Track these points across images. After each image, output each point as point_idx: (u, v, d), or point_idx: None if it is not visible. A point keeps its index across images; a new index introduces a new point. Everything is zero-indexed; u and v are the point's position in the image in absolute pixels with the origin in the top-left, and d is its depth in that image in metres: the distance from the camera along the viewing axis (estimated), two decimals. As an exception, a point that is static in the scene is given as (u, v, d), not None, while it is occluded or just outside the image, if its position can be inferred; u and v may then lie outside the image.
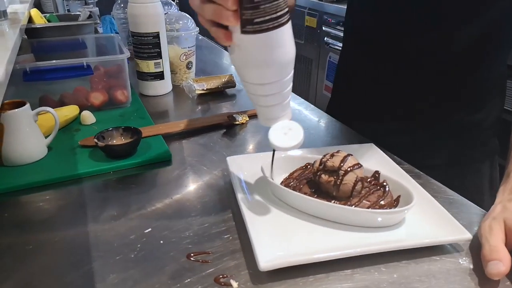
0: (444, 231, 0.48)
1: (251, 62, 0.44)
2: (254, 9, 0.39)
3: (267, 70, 0.44)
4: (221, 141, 0.76)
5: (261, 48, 0.43)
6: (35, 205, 0.58)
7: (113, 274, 0.45)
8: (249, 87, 0.47)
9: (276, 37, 0.42)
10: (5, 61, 0.56)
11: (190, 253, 0.48)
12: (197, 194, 0.60)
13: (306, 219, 0.52)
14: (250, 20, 0.39)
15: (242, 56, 0.44)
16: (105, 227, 0.52)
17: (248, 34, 0.41)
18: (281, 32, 0.42)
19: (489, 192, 0.76)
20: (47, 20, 1.18)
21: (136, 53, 0.93)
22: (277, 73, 0.45)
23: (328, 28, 2.37)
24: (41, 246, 0.49)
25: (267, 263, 0.43)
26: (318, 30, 2.48)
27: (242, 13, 0.39)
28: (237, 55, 0.45)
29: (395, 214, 0.50)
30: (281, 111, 0.49)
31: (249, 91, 0.48)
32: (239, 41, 0.42)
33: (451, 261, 0.46)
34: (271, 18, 0.40)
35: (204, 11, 0.42)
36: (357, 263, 0.46)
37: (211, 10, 0.41)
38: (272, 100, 0.48)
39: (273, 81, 0.45)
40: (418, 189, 0.55)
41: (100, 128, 0.73)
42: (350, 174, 0.51)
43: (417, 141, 0.77)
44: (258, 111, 0.51)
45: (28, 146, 0.65)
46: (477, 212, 0.55)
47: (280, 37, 0.42)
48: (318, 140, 0.78)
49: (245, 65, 0.45)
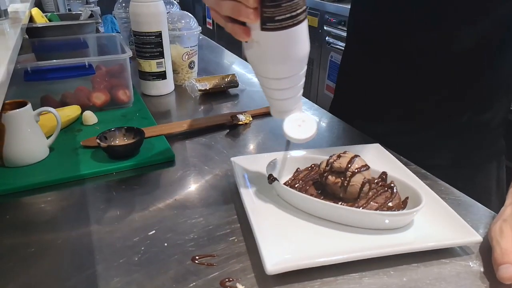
0: (454, 233, 0.47)
1: (269, 58, 0.45)
2: (276, 7, 0.40)
3: (284, 65, 0.45)
4: (224, 141, 0.76)
5: (279, 45, 0.43)
6: (37, 206, 0.57)
7: (116, 277, 0.44)
8: (264, 81, 0.48)
9: (294, 34, 0.43)
10: (6, 61, 0.55)
11: (195, 256, 0.47)
12: (201, 195, 0.59)
13: (313, 221, 0.51)
14: (271, 18, 0.40)
15: (259, 52, 0.45)
16: (108, 229, 0.52)
17: (268, 31, 0.41)
18: (299, 29, 0.43)
19: (496, 193, 0.76)
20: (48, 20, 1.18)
21: (138, 52, 0.93)
22: (293, 68, 0.46)
23: (330, 28, 2.36)
24: (44, 248, 0.48)
25: (274, 266, 0.42)
26: (320, 29, 2.47)
27: (263, 10, 0.40)
28: (255, 51, 0.45)
29: (404, 216, 0.49)
30: (293, 104, 0.51)
31: (263, 85, 0.49)
32: (257, 37, 0.43)
33: (461, 264, 0.46)
34: (291, 16, 0.41)
35: (221, 7, 0.42)
36: (365, 266, 0.45)
37: (230, 6, 0.41)
38: (286, 93, 0.49)
39: (288, 76, 0.47)
40: (426, 190, 0.54)
41: (102, 129, 0.72)
42: (358, 175, 0.50)
43: (421, 141, 0.76)
44: (271, 104, 0.53)
45: (29, 147, 0.64)
46: (486, 214, 0.54)
47: (298, 34, 0.43)
48: (322, 140, 0.77)
49: (262, 60, 0.46)
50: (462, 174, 0.70)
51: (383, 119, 0.80)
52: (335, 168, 0.52)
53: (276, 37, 0.42)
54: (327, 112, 0.90)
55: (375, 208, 0.50)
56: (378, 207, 0.50)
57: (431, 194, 0.54)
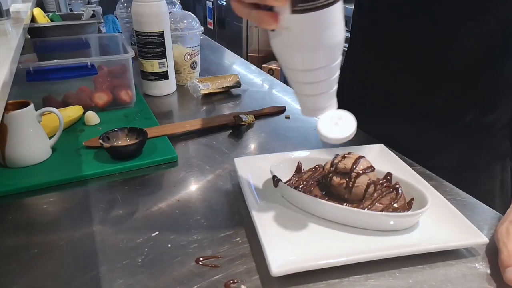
0: (460, 234, 0.47)
1: (300, 45, 0.40)
2: None
3: (317, 53, 0.40)
4: (227, 142, 0.75)
5: (312, 29, 0.38)
6: (40, 207, 0.57)
7: (120, 279, 0.43)
8: (294, 74, 0.43)
9: (329, 15, 0.38)
10: (9, 61, 0.55)
11: (199, 258, 0.47)
12: (204, 196, 0.59)
13: (317, 222, 0.50)
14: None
15: (289, 39, 0.40)
16: (111, 230, 0.51)
17: (299, 14, 0.37)
18: (334, 9, 0.38)
19: (500, 195, 0.75)
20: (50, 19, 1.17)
21: (140, 52, 0.92)
22: (327, 57, 0.41)
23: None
24: (47, 250, 0.48)
25: (279, 268, 0.42)
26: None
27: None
28: (283, 39, 0.40)
29: (410, 217, 0.49)
30: (327, 100, 0.45)
31: (293, 79, 0.44)
32: (287, 22, 0.38)
33: (467, 266, 0.45)
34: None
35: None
36: (370, 268, 0.44)
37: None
38: (319, 88, 0.44)
39: (321, 66, 0.41)
40: (431, 191, 0.54)
41: (104, 129, 0.71)
42: (363, 176, 0.50)
43: (424, 143, 0.76)
44: (301, 101, 0.47)
45: (32, 147, 0.64)
46: (491, 215, 0.54)
47: (333, 15, 0.38)
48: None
49: (293, 49, 0.41)
50: (466, 176, 0.70)
51: (386, 120, 0.79)
52: (340, 169, 0.51)
53: (309, 20, 0.37)
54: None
55: (380, 210, 0.49)
56: (383, 208, 0.50)
57: (437, 195, 0.53)
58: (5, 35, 0.76)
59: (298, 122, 0.84)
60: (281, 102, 0.95)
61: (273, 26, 0.39)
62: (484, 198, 0.58)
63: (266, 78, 1.14)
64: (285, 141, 0.76)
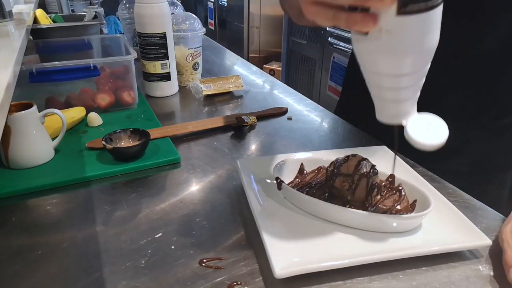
0: (463, 237, 0.47)
1: (401, 49, 0.37)
2: None
3: (417, 58, 0.38)
4: (230, 143, 0.75)
5: (418, 32, 0.36)
6: (43, 208, 0.57)
7: (124, 281, 0.44)
8: (381, 79, 0.40)
9: (435, 17, 0.36)
10: (13, 62, 0.55)
11: (202, 259, 0.47)
12: (207, 198, 0.59)
13: (320, 224, 0.50)
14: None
15: (388, 43, 0.36)
16: (114, 231, 0.51)
17: (407, 16, 0.34)
18: (439, 11, 0.35)
19: (508, 201, 0.74)
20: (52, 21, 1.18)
21: (143, 54, 0.92)
22: (424, 60, 0.39)
23: (332, 28, 2.35)
24: (50, 251, 0.48)
25: (282, 270, 0.42)
26: (322, 30, 2.47)
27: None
28: (380, 43, 0.37)
29: (413, 219, 0.49)
30: (412, 105, 0.43)
31: (378, 83, 0.41)
32: (389, 25, 0.35)
33: (470, 268, 0.45)
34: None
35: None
36: (374, 270, 0.44)
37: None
38: (407, 93, 0.41)
39: (416, 70, 0.39)
40: (435, 193, 0.54)
41: (107, 130, 0.72)
42: (366, 178, 0.50)
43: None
44: (381, 106, 0.44)
45: (35, 149, 0.64)
46: (494, 217, 0.54)
47: (437, 18, 0.36)
48: (327, 142, 0.77)
49: (391, 53, 0.37)
50: (476, 181, 0.69)
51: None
52: (343, 170, 0.51)
53: (416, 22, 0.35)
54: (331, 113, 0.89)
55: (383, 211, 0.49)
56: (386, 210, 0.50)
57: (440, 197, 0.53)
58: (8, 37, 0.76)
59: (300, 123, 0.84)
60: (283, 103, 0.95)
61: (371, 28, 0.36)
62: (490, 204, 0.57)
63: (268, 79, 1.14)
64: (288, 142, 0.76)
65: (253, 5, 3.28)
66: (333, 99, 2.46)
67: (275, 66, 3.36)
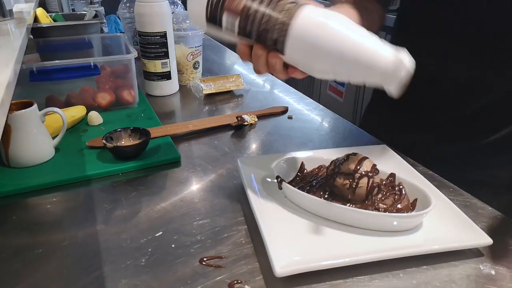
0: (464, 235, 0.46)
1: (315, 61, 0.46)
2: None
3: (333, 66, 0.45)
4: (230, 142, 0.75)
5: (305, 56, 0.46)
6: (43, 207, 0.57)
7: (124, 279, 0.44)
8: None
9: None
10: (13, 61, 0.55)
11: (202, 258, 0.47)
12: (208, 196, 0.59)
13: (321, 222, 0.50)
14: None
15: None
16: (115, 230, 0.51)
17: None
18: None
19: None
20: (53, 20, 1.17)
21: (143, 52, 0.92)
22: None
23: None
24: (51, 250, 0.48)
25: (282, 268, 0.42)
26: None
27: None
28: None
29: (413, 218, 0.48)
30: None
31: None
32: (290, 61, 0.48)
33: (471, 267, 0.45)
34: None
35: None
36: (374, 268, 0.44)
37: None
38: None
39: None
40: (435, 192, 0.54)
41: (107, 129, 0.71)
42: (366, 177, 0.50)
43: (468, 153, 0.68)
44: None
45: (35, 147, 0.64)
46: (495, 216, 0.54)
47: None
48: (328, 141, 0.76)
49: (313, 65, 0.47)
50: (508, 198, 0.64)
51: (428, 125, 0.72)
52: (344, 169, 0.51)
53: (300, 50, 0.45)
54: (332, 112, 0.89)
55: (384, 210, 0.49)
56: (387, 209, 0.50)
57: (440, 196, 0.53)
58: (9, 35, 0.76)
59: (300, 122, 0.84)
60: (283, 102, 0.95)
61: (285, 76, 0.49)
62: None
63: (268, 78, 1.14)
64: (288, 141, 0.76)
65: (254, 5, 3.27)
66: (334, 98, 2.45)
67: (276, 65, 3.35)
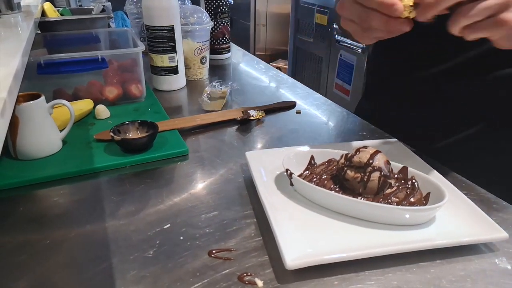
0: (479, 229, 0.45)
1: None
2: None
3: None
4: (237, 136, 0.75)
5: None
6: (51, 199, 0.56)
7: (133, 270, 0.43)
8: None
9: None
10: (21, 52, 0.55)
11: (211, 250, 0.46)
12: (216, 189, 0.58)
13: (331, 216, 0.50)
14: None
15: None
16: (122, 222, 0.51)
17: None
18: None
19: None
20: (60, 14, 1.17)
21: (150, 47, 0.92)
22: None
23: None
24: (58, 241, 0.48)
25: (293, 261, 0.41)
26: (329, 28, 2.45)
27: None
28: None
29: (427, 211, 0.47)
30: None
31: None
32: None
33: (486, 261, 0.44)
34: None
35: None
36: (387, 262, 0.43)
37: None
38: None
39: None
40: (448, 186, 0.53)
41: (114, 123, 0.71)
42: (378, 171, 0.49)
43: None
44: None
45: (43, 140, 0.64)
46: (509, 211, 0.53)
47: None
48: (337, 136, 0.76)
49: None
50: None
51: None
52: (355, 163, 0.50)
53: None
54: (341, 107, 0.88)
55: (396, 204, 0.48)
56: (399, 202, 0.49)
57: (454, 190, 0.52)
58: (16, 28, 0.76)
59: (309, 117, 0.83)
60: (291, 97, 0.94)
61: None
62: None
63: (277, 74, 1.13)
64: (296, 135, 0.75)
65: (260, 3, 3.27)
66: (340, 97, 2.44)
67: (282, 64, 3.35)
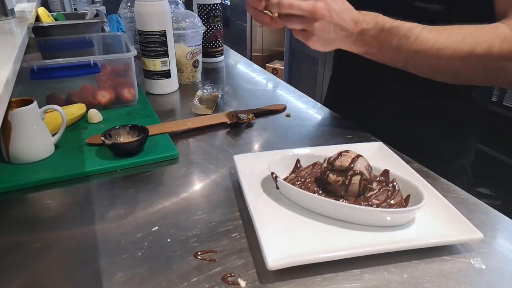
0: (456, 231, 0.47)
1: None
2: None
3: None
4: (227, 140, 0.76)
5: None
6: (43, 203, 0.58)
7: (120, 272, 0.44)
8: None
9: None
10: (13, 59, 0.56)
11: (197, 252, 0.47)
12: (204, 192, 0.60)
13: (314, 218, 0.51)
14: None
15: None
16: (112, 225, 0.52)
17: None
18: None
19: None
20: (54, 19, 1.19)
21: (143, 51, 0.93)
22: None
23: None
24: (49, 244, 0.49)
25: (275, 262, 0.42)
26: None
27: None
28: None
29: (406, 213, 0.49)
30: None
31: None
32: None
33: (462, 261, 0.46)
34: None
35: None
36: (366, 262, 0.45)
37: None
38: None
39: None
40: (428, 188, 0.55)
41: (107, 127, 0.72)
42: (359, 174, 0.50)
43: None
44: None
45: (35, 144, 0.65)
46: (488, 212, 0.54)
47: None
48: (324, 138, 0.77)
49: None
50: None
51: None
52: (337, 166, 0.52)
53: None
54: (330, 110, 0.90)
55: (377, 206, 0.50)
56: (380, 205, 0.50)
57: (433, 192, 0.54)
58: (10, 34, 0.77)
59: (298, 120, 0.85)
60: (284, 101, 0.95)
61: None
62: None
63: (269, 77, 1.14)
64: (286, 139, 0.77)
65: (256, 4, 3.28)
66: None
67: (278, 65, 3.37)
